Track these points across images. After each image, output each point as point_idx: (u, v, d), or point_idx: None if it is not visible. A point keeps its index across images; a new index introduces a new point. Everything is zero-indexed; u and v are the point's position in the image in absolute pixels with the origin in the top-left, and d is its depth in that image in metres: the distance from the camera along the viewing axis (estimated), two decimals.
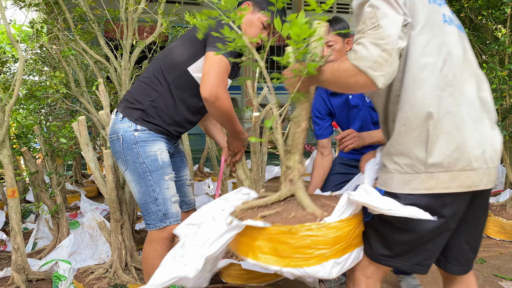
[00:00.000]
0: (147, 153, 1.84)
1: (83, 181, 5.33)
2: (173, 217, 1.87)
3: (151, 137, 1.86)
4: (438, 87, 1.23)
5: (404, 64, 1.26)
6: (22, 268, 2.30)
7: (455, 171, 1.26)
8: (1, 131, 2.20)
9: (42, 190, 2.72)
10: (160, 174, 1.84)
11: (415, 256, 1.37)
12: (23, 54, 2.18)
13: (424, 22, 1.24)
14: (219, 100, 1.66)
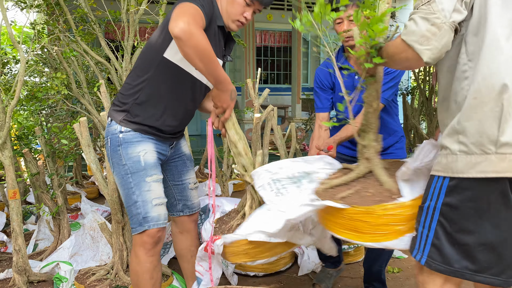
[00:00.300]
0: (130, 155, 1.78)
1: (84, 183, 5.32)
2: (153, 221, 1.76)
3: (136, 138, 1.79)
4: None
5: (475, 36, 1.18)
6: (23, 270, 2.29)
7: None
8: (3, 133, 2.19)
9: (43, 192, 2.71)
10: (141, 176, 1.76)
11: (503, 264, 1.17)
12: (25, 56, 2.18)
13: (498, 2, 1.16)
14: (194, 37, 1.44)
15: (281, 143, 3.75)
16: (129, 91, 1.80)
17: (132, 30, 2.78)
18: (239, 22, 1.78)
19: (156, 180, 1.80)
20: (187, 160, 2.08)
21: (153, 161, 1.80)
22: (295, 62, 9.17)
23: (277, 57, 11.26)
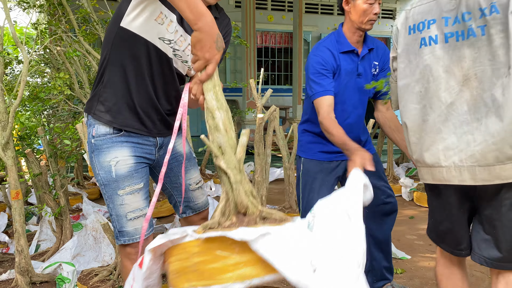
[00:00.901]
0: (101, 164, 1.60)
1: (85, 183, 5.32)
2: (128, 236, 1.63)
3: (106, 143, 1.60)
4: (412, 102, 1.54)
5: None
6: (25, 270, 2.28)
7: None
8: (5, 133, 2.19)
9: (45, 192, 2.71)
10: (113, 188, 1.59)
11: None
12: (27, 56, 2.18)
13: (401, 54, 1.59)
14: None
15: (283, 143, 3.74)
16: (97, 76, 1.64)
17: None
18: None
19: (130, 192, 1.61)
20: (187, 161, 1.84)
21: (126, 170, 1.60)
22: (296, 63, 9.18)
23: (278, 58, 11.27)
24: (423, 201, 4.70)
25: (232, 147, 1.28)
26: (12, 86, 3.07)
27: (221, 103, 1.29)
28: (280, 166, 6.42)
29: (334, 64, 2.10)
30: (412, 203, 4.88)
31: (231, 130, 1.28)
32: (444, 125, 1.47)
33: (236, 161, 1.26)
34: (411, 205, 4.79)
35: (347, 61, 2.15)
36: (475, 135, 1.40)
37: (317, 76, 2.09)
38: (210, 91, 1.29)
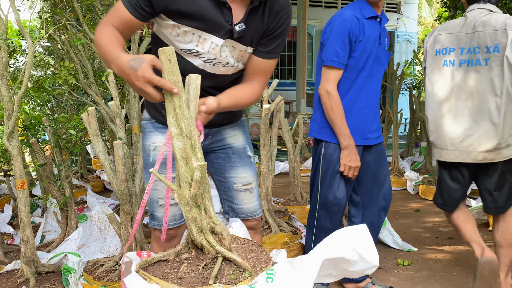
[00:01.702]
0: (144, 147, 1.68)
1: (89, 176, 5.32)
2: (157, 221, 1.67)
3: (148, 127, 1.68)
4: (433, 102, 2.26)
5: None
6: (31, 261, 2.27)
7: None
8: (10, 122, 2.17)
9: (50, 182, 2.69)
10: (149, 172, 1.62)
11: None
12: (31, 44, 2.15)
13: (428, 67, 2.28)
14: (95, 36, 1.40)
15: (288, 136, 3.72)
16: None
17: None
18: None
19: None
20: (234, 155, 1.75)
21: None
22: (300, 57, 9.12)
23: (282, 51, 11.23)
24: (428, 194, 4.67)
25: (191, 179, 1.17)
26: (16, 77, 3.05)
27: (180, 128, 1.16)
28: (284, 160, 6.40)
29: (357, 32, 2.05)
30: (418, 196, 4.85)
31: (192, 159, 1.17)
32: (452, 122, 2.18)
33: (188, 196, 1.16)
34: (416, 198, 4.77)
35: (371, 28, 2.10)
36: (473, 131, 2.12)
37: (338, 43, 2.04)
38: (169, 114, 1.18)
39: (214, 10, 1.44)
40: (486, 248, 2.17)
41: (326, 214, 2.28)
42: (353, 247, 1.18)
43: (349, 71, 2.11)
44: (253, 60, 1.60)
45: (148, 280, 1.14)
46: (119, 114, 2.44)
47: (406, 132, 7.99)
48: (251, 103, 1.61)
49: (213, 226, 1.20)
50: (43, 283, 2.25)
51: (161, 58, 1.14)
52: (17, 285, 2.22)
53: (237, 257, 1.18)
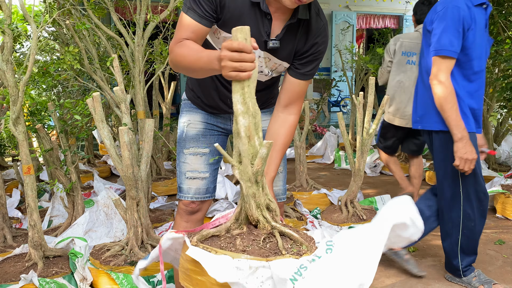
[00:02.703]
0: (180, 123, 1.86)
1: (95, 162, 5.35)
2: (182, 192, 1.82)
3: (186, 107, 1.86)
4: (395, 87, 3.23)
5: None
6: (39, 245, 2.29)
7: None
8: (16, 107, 2.17)
9: (57, 168, 2.70)
10: (181, 146, 1.82)
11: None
12: (36, 29, 2.14)
13: (395, 62, 3.23)
14: (171, 55, 1.50)
15: None
16: None
17: (145, 4, 2.72)
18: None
19: (194, 153, 1.79)
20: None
21: (193, 133, 1.80)
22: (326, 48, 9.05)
23: None
24: (435, 180, 4.64)
25: (252, 157, 1.21)
26: (21, 62, 3.04)
27: (247, 107, 1.19)
28: (290, 146, 6.39)
29: (469, 20, 2.02)
30: (424, 182, 4.83)
31: (255, 138, 1.20)
32: (407, 100, 3.14)
33: (251, 173, 1.20)
34: (423, 184, 4.74)
35: (480, 16, 2.07)
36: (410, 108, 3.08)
37: (452, 31, 2.01)
38: (237, 92, 1.19)
39: (255, 19, 1.51)
40: (408, 184, 3.37)
41: (474, 204, 2.22)
42: (407, 213, 1.24)
43: (462, 60, 2.09)
44: (290, 82, 1.66)
45: (214, 252, 1.16)
46: (124, 99, 2.44)
47: None
48: (291, 138, 1.69)
49: (269, 203, 1.25)
50: (51, 267, 2.28)
51: (238, 36, 1.15)
52: (25, 268, 2.25)
53: (294, 232, 1.22)
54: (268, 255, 1.15)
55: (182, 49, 1.43)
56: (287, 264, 1.10)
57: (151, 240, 2.40)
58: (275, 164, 1.61)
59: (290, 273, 1.08)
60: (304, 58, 1.62)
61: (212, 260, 1.12)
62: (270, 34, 1.55)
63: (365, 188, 4.56)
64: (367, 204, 3.42)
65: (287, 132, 1.65)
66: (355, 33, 10.85)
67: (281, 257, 1.13)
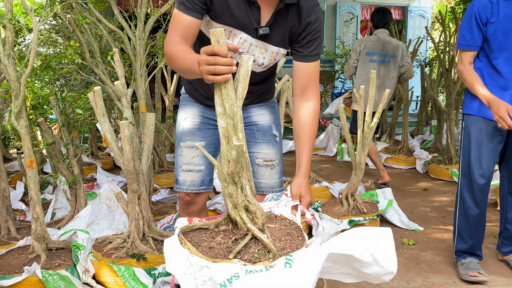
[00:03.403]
0: (177, 117, 1.92)
1: (99, 154, 5.38)
2: (178, 184, 1.88)
3: (184, 101, 1.91)
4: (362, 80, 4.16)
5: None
6: (42, 237, 2.33)
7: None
8: (18, 102, 2.18)
9: (59, 161, 2.73)
10: (178, 139, 1.88)
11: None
12: (37, 23, 2.14)
13: (360, 61, 4.14)
14: (165, 54, 1.52)
15: None
16: None
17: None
18: None
19: (190, 146, 1.84)
20: (258, 132, 1.88)
21: (189, 127, 1.84)
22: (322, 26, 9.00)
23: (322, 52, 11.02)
24: (437, 173, 4.65)
25: (229, 158, 1.23)
26: (23, 55, 3.06)
27: (224, 108, 1.21)
28: (293, 138, 6.40)
29: (489, 14, 2.17)
30: (426, 175, 4.83)
31: (233, 139, 1.21)
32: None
33: (225, 174, 1.23)
34: (425, 177, 4.75)
35: (510, 7, 2.15)
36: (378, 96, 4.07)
37: (466, 27, 2.25)
38: (216, 94, 1.22)
39: (244, 8, 1.55)
40: (385, 172, 4.32)
41: (470, 190, 2.36)
42: (367, 247, 1.16)
43: (486, 51, 2.25)
44: (297, 68, 1.68)
45: (183, 244, 1.24)
46: (125, 94, 2.45)
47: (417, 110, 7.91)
48: (315, 125, 1.70)
49: (247, 205, 1.27)
50: (54, 259, 2.31)
51: (211, 39, 1.17)
52: (28, 260, 2.28)
53: (264, 238, 1.23)
54: (218, 256, 1.18)
55: (173, 50, 1.46)
56: (225, 268, 1.12)
57: (153, 233, 2.43)
58: (304, 156, 1.64)
59: (223, 278, 1.10)
60: (302, 40, 1.64)
61: (174, 252, 1.22)
62: (260, 22, 1.58)
63: (366, 181, 4.57)
64: (368, 197, 3.43)
65: (310, 120, 1.67)
66: (359, 24, 10.77)
67: (227, 261, 1.15)
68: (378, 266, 1.17)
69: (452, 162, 4.60)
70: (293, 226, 1.39)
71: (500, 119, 2.10)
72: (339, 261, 1.21)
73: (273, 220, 1.42)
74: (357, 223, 2.98)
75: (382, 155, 5.36)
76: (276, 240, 1.28)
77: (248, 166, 1.32)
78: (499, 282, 2.35)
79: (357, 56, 4.11)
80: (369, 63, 4.06)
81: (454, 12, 4.60)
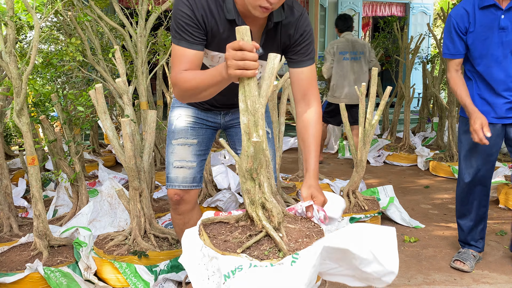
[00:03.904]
0: (170, 118, 1.95)
1: (101, 151, 5.38)
2: (170, 181, 1.92)
3: (177, 103, 1.94)
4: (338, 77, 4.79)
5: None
6: (43, 234, 2.33)
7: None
8: (19, 99, 2.19)
9: (60, 158, 2.73)
10: (170, 138, 1.92)
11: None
12: (38, 21, 2.15)
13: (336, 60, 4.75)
14: (176, 86, 1.51)
15: None
16: None
17: None
18: (262, 8, 1.43)
19: (182, 143, 1.89)
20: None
21: (183, 125, 1.89)
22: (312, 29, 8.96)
23: None
24: (439, 170, 4.64)
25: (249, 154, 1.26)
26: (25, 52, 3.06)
27: (246, 105, 1.23)
28: (294, 136, 6.39)
29: (466, 24, 2.26)
30: (428, 172, 4.83)
31: (254, 135, 1.23)
32: (346, 85, 4.69)
33: (244, 169, 1.25)
34: (426, 175, 4.74)
35: (486, 16, 2.20)
36: (353, 89, 4.57)
37: (447, 37, 2.35)
38: (240, 90, 1.25)
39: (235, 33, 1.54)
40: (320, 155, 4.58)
41: (461, 189, 2.50)
42: (367, 244, 1.16)
43: (471, 59, 2.33)
44: (293, 74, 1.70)
45: (200, 235, 1.29)
46: (126, 91, 2.45)
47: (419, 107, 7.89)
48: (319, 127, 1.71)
49: (264, 202, 1.28)
50: (56, 256, 2.32)
51: (237, 36, 1.20)
52: (30, 257, 2.29)
53: (277, 236, 1.23)
54: (228, 249, 1.22)
55: (185, 75, 1.47)
56: (231, 261, 1.16)
57: (154, 230, 2.44)
58: (312, 158, 1.64)
59: (227, 269, 1.14)
60: (295, 48, 1.67)
61: (190, 242, 1.28)
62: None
63: (368, 178, 4.57)
64: (369, 195, 3.43)
65: (313, 123, 1.68)
66: (361, 21, 10.74)
67: (234, 255, 1.18)
68: (378, 264, 1.17)
69: (453, 159, 4.59)
70: (316, 229, 1.37)
71: (474, 132, 2.20)
72: (339, 259, 1.21)
73: (297, 221, 1.41)
74: (358, 220, 2.98)
75: (384, 152, 5.36)
76: (292, 240, 1.27)
77: (268, 164, 1.32)
78: (500, 280, 2.35)
79: (332, 57, 4.75)
80: (343, 61, 4.73)
81: None
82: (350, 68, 4.71)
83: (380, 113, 2.96)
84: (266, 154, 1.28)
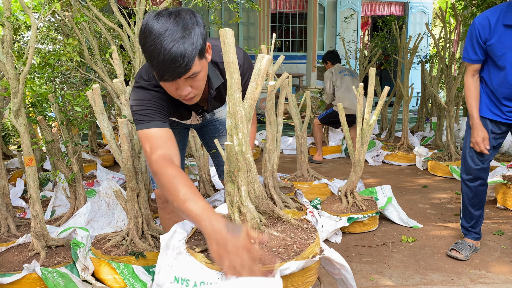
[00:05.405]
0: None
1: (99, 151, 5.38)
2: (154, 182, 2.01)
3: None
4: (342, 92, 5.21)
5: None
6: (41, 235, 2.33)
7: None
8: (16, 100, 2.19)
9: (58, 159, 2.73)
10: None
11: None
12: (36, 21, 2.14)
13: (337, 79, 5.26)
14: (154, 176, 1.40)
15: (295, 112, 3.69)
16: None
17: None
18: (184, 99, 1.49)
19: None
20: (221, 126, 2.12)
21: None
22: (311, 29, 8.95)
23: (292, 23, 11.01)
24: (437, 170, 4.64)
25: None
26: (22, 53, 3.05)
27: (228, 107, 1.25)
28: (292, 135, 6.39)
29: (488, 35, 2.29)
30: (426, 172, 4.83)
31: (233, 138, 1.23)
32: (348, 97, 5.10)
33: (225, 171, 1.30)
34: (425, 174, 4.75)
35: (508, 36, 2.22)
36: (353, 101, 5.05)
37: (468, 43, 2.40)
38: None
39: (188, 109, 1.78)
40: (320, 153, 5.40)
41: (466, 189, 2.58)
42: None
43: (489, 65, 2.39)
44: None
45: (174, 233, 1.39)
46: (123, 91, 2.45)
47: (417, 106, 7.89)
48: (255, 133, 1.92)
49: (240, 206, 1.29)
50: (53, 256, 2.32)
51: (221, 39, 1.19)
52: (28, 258, 2.29)
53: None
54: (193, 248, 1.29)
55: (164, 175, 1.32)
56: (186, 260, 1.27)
57: (152, 230, 2.44)
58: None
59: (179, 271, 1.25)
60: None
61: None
62: (204, 108, 1.81)
63: (366, 178, 4.57)
64: (367, 195, 3.43)
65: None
66: (359, 20, 10.73)
67: (191, 252, 1.26)
68: None
69: (452, 159, 4.60)
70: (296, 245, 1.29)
71: (476, 144, 2.40)
72: None
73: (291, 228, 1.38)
74: (356, 220, 2.98)
75: (382, 152, 5.37)
76: (265, 249, 1.25)
77: (250, 169, 1.29)
78: (497, 280, 2.35)
79: (332, 83, 5.27)
80: (345, 76, 5.22)
81: (455, 8, 4.58)
82: (351, 82, 5.17)
83: (378, 113, 2.96)
84: (247, 158, 1.25)
